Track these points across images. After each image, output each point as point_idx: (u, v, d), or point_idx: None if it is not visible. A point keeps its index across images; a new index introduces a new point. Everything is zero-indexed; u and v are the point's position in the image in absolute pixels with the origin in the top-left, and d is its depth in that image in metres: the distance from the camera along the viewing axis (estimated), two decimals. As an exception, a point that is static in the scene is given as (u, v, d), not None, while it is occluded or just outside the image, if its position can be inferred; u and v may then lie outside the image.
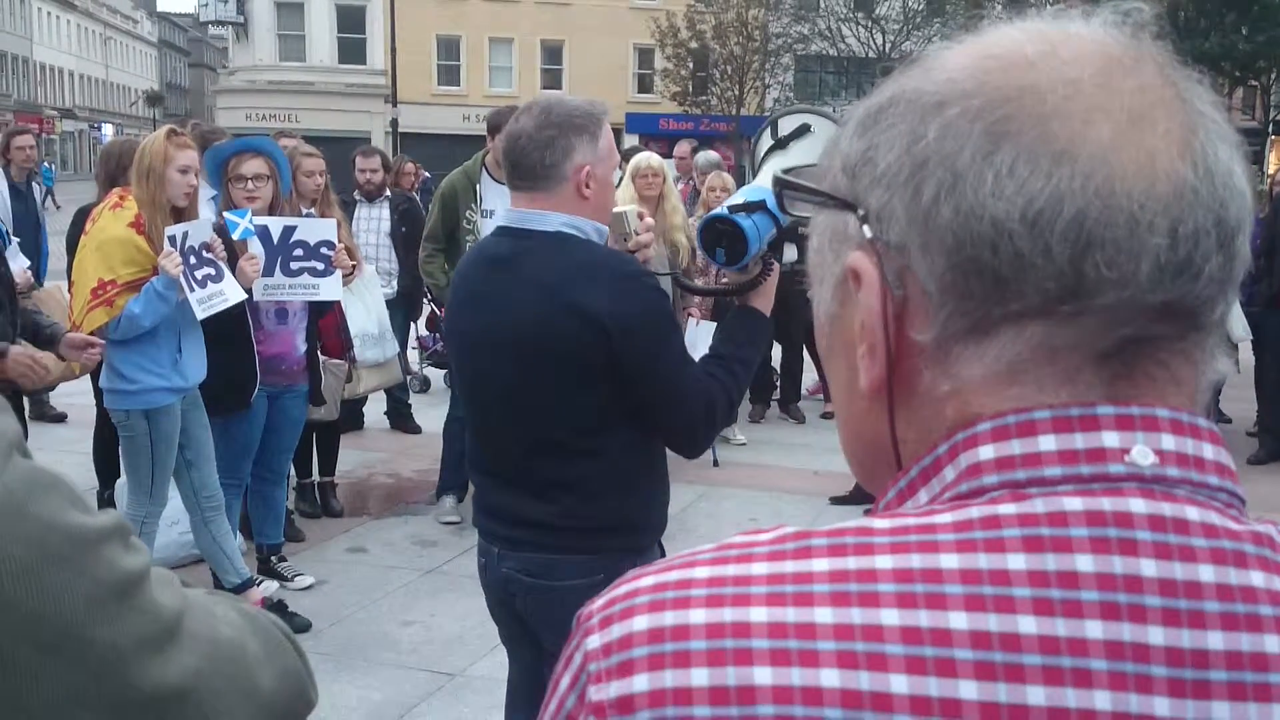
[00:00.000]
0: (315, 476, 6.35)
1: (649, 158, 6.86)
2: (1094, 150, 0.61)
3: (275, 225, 4.94)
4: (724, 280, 2.54)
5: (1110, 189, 0.60)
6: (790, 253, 2.37)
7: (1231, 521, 0.60)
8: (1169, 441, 0.61)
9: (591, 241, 2.49)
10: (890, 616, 0.58)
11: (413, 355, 8.96)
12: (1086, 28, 0.66)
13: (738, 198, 2.33)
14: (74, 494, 0.71)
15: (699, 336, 6.81)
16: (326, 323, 5.56)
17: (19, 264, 5.48)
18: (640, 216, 2.71)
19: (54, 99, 66.11)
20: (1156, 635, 0.57)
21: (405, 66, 34.23)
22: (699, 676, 0.58)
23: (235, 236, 4.66)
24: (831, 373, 0.74)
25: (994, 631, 0.57)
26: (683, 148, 9.98)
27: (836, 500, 6.41)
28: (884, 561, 0.60)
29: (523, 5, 39.63)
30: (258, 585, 4.90)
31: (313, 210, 5.53)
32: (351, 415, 7.07)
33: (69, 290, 5.02)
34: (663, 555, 2.45)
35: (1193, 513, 0.60)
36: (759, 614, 0.59)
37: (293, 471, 5.85)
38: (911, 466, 0.66)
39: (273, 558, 5.31)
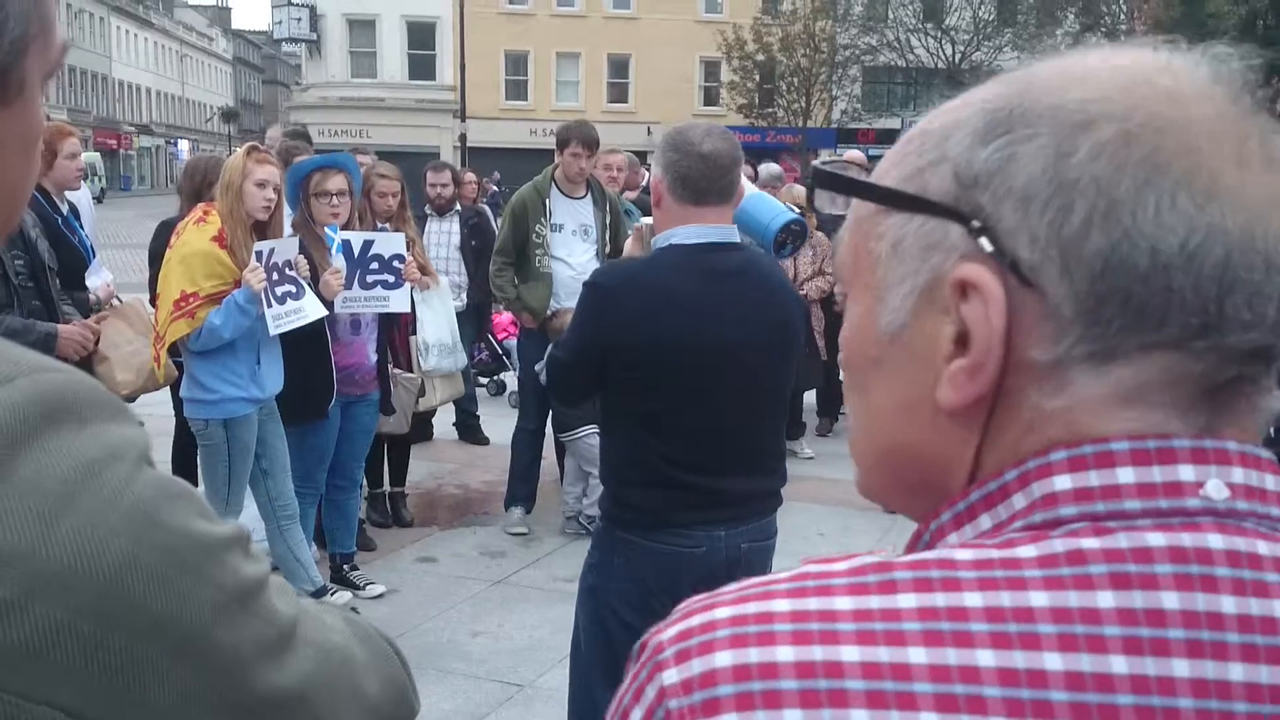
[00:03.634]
0: (386, 487, 6.44)
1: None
2: (1235, 190, 0.60)
3: (356, 240, 5.07)
4: None
5: (1251, 231, 0.60)
6: None
7: None
8: (1239, 475, 0.61)
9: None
10: (986, 658, 0.57)
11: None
12: (1200, 66, 0.65)
13: (779, 204, 3.00)
14: (200, 503, 0.73)
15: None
16: (394, 334, 5.65)
17: (102, 278, 5.61)
18: (638, 230, 3.08)
19: (132, 115, 67.68)
20: (1237, 672, 0.57)
21: (474, 82, 34.57)
22: (792, 717, 0.57)
23: (333, 250, 4.78)
24: (879, 387, 0.71)
25: (1088, 672, 0.56)
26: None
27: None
28: (973, 599, 0.59)
29: (589, 20, 39.86)
30: (331, 594, 4.98)
31: (387, 226, 5.62)
32: (421, 427, 7.15)
33: (151, 302, 5.15)
34: None
35: (1263, 547, 0.59)
36: (850, 653, 0.58)
37: (364, 482, 5.94)
38: (972, 491, 0.65)
39: (345, 566, 5.39)
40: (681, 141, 2.75)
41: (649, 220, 2.94)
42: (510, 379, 9.68)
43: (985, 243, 0.63)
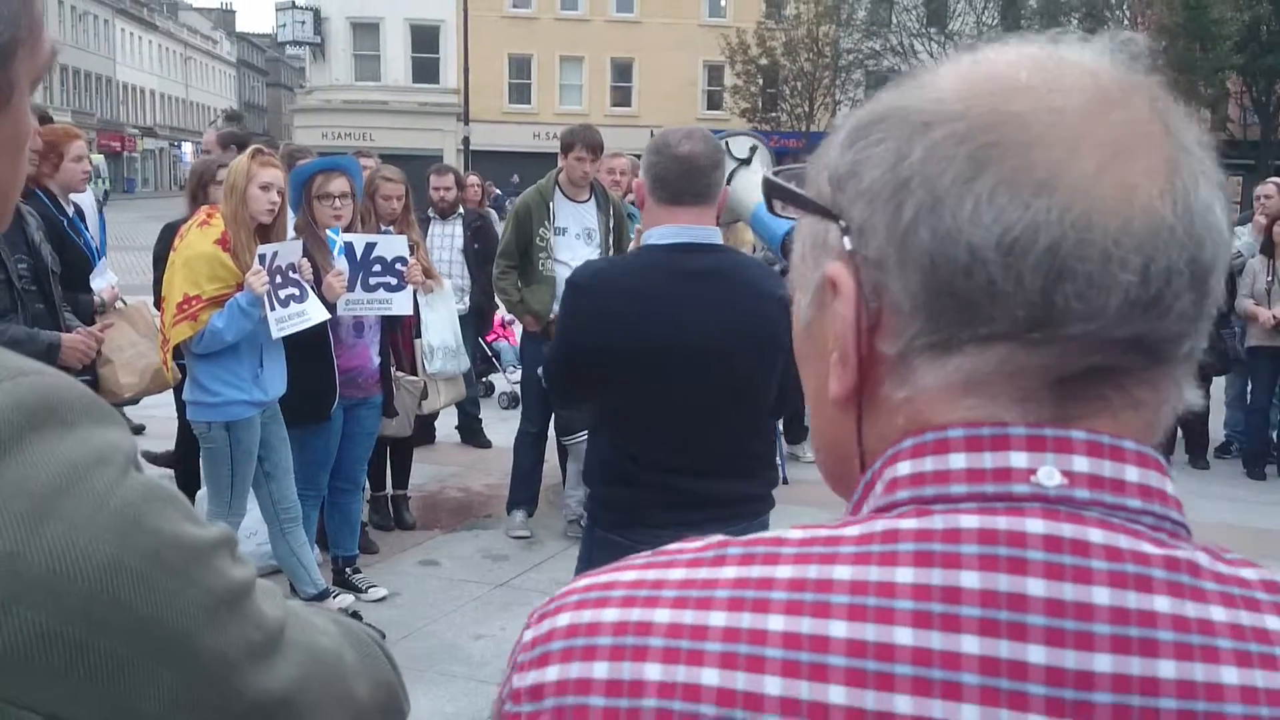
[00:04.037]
0: (389, 490, 6.44)
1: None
2: (1074, 182, 0.61)
3: (359, 242, 5.08)
4: None
5: (1087, 222, 0.60)
6: None
7: (1149, 545, 0.59)
8: (1081, 464, 0.61)
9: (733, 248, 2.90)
10: (776, 623, 0.60)
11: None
12: (1082, 55, 0.66)
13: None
14: (186, 507, 0.73)
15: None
16: (395, 337, 5.66)
17: (107, 280, 5.62)
18: (639, 233, 3.06)
19: (136, 118, 67.73)
20: (1037, 654, 0.57)
21: (477, 85, 34.62)
22: (600, 670, 0.63)
23: (335, 253, 4.79)
24: (804, 379, 0.74)
25: (870, 641, 0.58)
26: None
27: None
28: (784, 572, 0.62)
29: (593, 23, 39.89)
30: (333, 596, 4.98)
31: (391, 229, 5.63)
32: (423, 430, 7.15)
33: (156, 305, 5.16)
34: None
35: (1096, 535, 0.59)
36: (662, 615, 0.63)
37: (367, 485, 5.94)
38: (860, 480, 0.68)
39: (347, 569, 5.39)
40: (661, 144, 2.80)
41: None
42: (499, 380, 9.70)
43: (847, 241, 0.66)
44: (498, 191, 12.43)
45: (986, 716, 0.57)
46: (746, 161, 2.90)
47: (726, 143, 2.88)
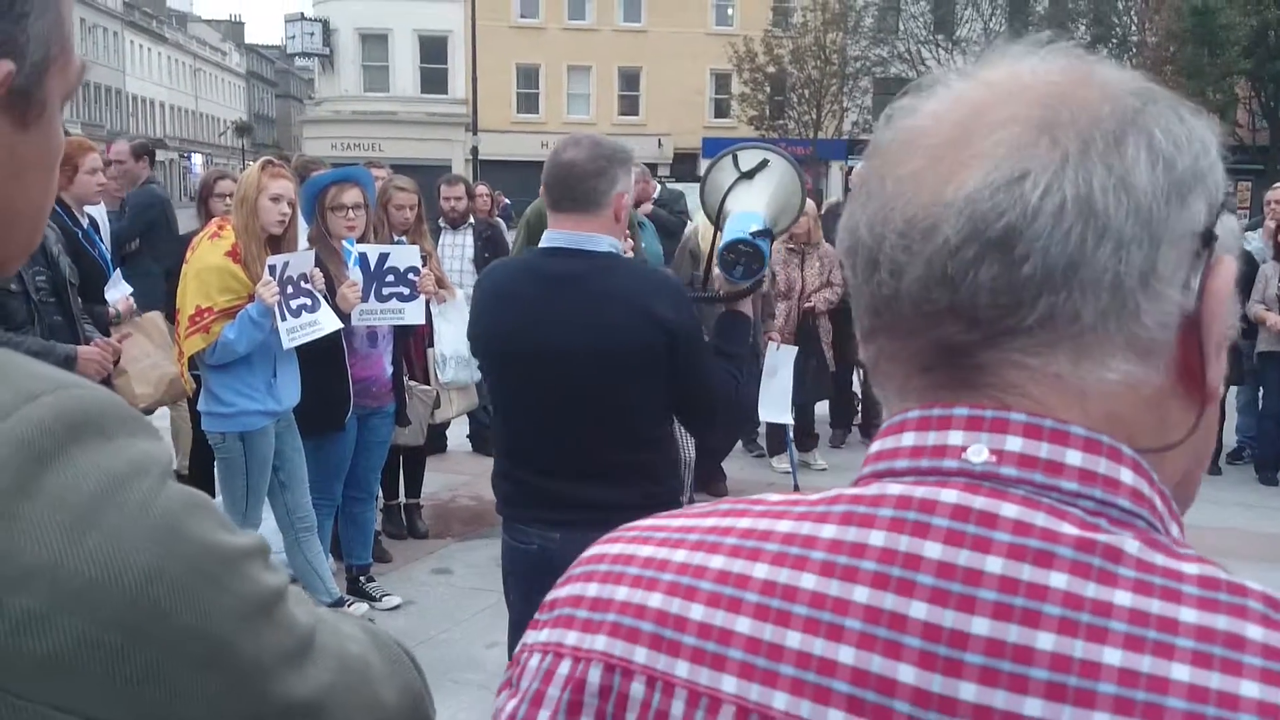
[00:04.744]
0: (401, 498, 6.46)
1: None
2: (894, 183, 0.68)
3: (373, 253, 5.11)
4: (722, 290, 2.97)
5: (885, 216, 0.68)
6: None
7: (1070, 525, 0.61)
8: (1014, 443, 0.64)
9: (634, 260, 2.82)
10: (716, 561, 0.70)
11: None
12: (1014, 66, 0.71)
13: (750, 223, 2.76)
14: (220, 515, 0.74)
15: (780, 360, 6.80)
16: (408, 346, 5.68)
17: (121, 291, 5.65)
18: (626, 239, 3.05)
19: (146, 129, 67.91)
20: (919, 610, 0.61)
21: (485, 95, 34.65)
22: (590, 589, 0.74)
23: (350, 264, 4.83)
24: None
25: (780, 582, 0.66)
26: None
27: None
28: (742, 523, 0.72)
29: (600, 33, 39.93)
30: (348, 605, 4.99)
31: (403, 238, 5.65)
32: (435, 438, 7.17)
33: (169, 317, 5.18)
34: None
35: (1009, 509, 0.62)
36: (645, 550, 0.74)
37: (380, 493, 5.96)
38: None
39: (361, 578, 5.41)
40: (552, 151, 2.86)
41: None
42: None
43: None
44: (507, 201, 12.44)
45: (860, 660, 0.62)
46: (748, 176, 2.83)
47: (736, 154, 2.86)
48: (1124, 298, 0.64)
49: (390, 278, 5.13)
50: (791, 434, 7.30)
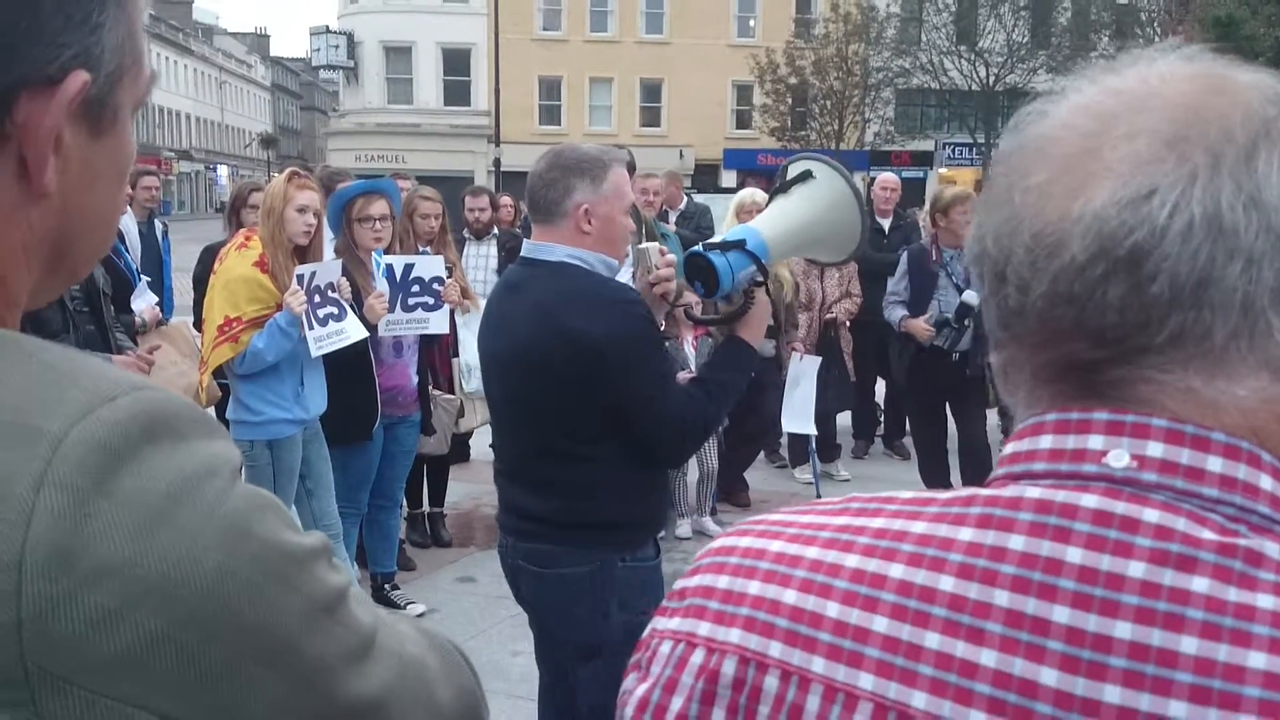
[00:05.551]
0: (425, 507, 6.49)
1: (753, 194, 6.92)
2: (1021, 194, 0.68)
3: (399, 263, 5.15)
4: (716, 311, 2.83)
5: (1012, 228, 0.67)
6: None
7: (1211, 531, 0.61)
8: (1156, 449, 0.64)
9: (592, 271, 2.75)
10: (852, 560, 0.70)
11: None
12: (1174, 69, 0.69)
13: (738, 239, 2.60)
14: (287, 516, 0.75)
15: (802, 371, 6.80)
16: (432, 355, 5.71)
17: (147, 301, 5.71)
18: (661, 253, 2.87)
19: (171, 141, 68.46)
20: (1062, 614, 0.62)
21: (508, 107, 34.78)
22: (721, 581, 0.76)
23: (379, 275, 4.88)
24: None
25: (917, 584, 0.67)
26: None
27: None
28: (877, 523, 0.72)
29: (623, 44, 40.03)
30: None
31: (428, 249, 5.69)
32: (458, 448, 7.20)
33: (196, 326, 5.23)
34: (657, 552, 2.85)
35: (1151, 515, 0.62)
36: (775, 545, 0.75)
37: (404, 502, 5.99)
38: None
39: (386, 586, 5.44)
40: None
41: (650, 245, 2.95)
42: None
43: None
44: (527, 213, 12.40)
45: (1003, 663, 0.62)
46: (784, 190, 2.69)
47: (786, 166, 2.75)
48: (1255, 316, 0.64)
49: (415, 288, 5.18)
50: (814, 444, 7.29)
